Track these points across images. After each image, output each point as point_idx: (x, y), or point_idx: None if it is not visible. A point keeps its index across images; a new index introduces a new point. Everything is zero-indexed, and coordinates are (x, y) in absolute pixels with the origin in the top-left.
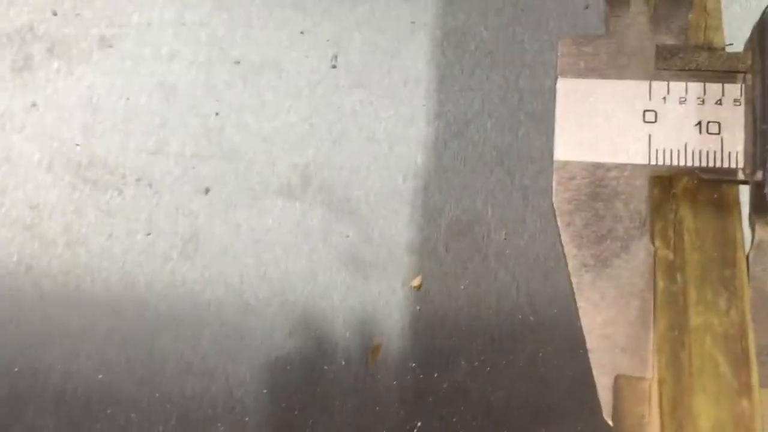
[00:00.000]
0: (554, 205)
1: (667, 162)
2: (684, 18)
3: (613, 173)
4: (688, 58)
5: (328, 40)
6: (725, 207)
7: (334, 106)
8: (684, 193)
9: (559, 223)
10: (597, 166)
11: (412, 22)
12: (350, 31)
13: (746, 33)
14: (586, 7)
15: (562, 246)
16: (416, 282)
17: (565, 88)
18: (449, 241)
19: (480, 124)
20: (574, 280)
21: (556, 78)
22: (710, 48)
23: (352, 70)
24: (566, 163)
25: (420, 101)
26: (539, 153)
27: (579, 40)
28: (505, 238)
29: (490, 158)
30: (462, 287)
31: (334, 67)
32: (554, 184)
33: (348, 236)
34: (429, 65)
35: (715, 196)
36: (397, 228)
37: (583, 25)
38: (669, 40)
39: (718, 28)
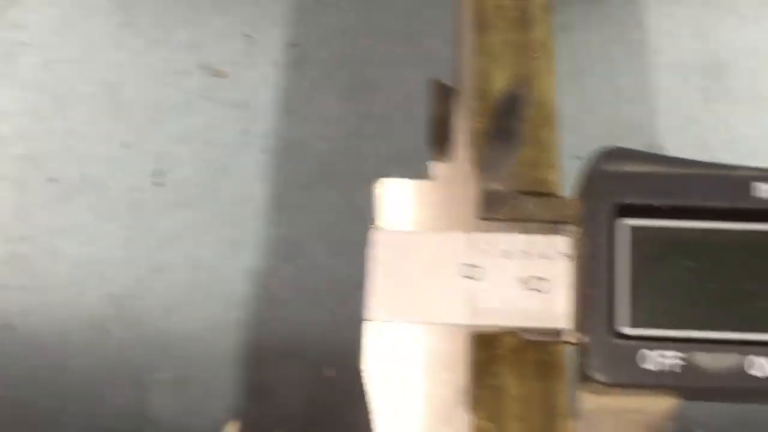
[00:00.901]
0: (364, 373)
1: (489, 322)
2: (512, 160)
3: (429, 336)
4: (514, 206)
5: (153, 155)
6: (553, 370)
7: (156, 229)
8: (509, 354)
9: (369, 393)
10: (412, 327)
11: (245, 133)
12: (178, 144)
13: None
14: None
15: (371, 419)
16: (232, 429)
17: (379, 240)
18: (273, 381)
19: (314, 248)
20: None
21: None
22: (540, 194)
23: (178, 188)
24: (378, 324)
25: (250, 222)
26: None
27: (395, 186)
28: (336, 376)
29: (321, 286)
30: None
31: (158, 184)
32: (365, 348)
33: (165, 376)
34: (262, 182)
35: (542, 357)
36: (218, 367)
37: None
38: (495, 186)
39: (554, 165)
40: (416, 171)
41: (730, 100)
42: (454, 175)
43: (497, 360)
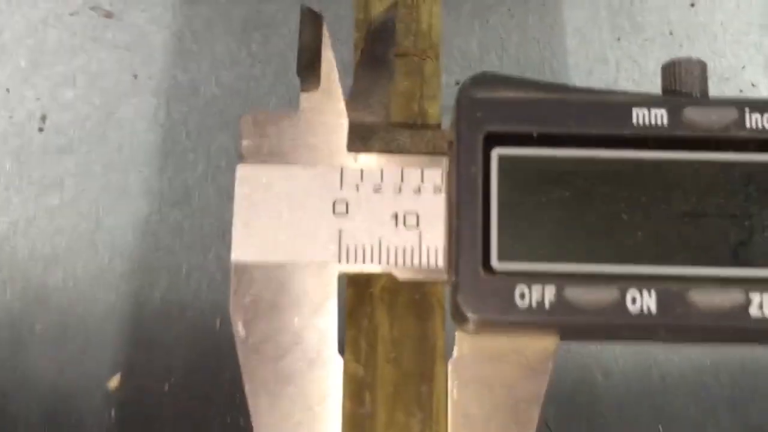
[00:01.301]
0: (231, 313)
1: (360, 261)
2: (385, 90)
3: (299, 276)
4: (387, 138)
5: (35, 99)
6: (427, 311)
7: (38, 176)
8: (382, 294)
9: (235, 337)
10: (281, 266)
11: (135, 76)
12: (62, 87)
13: None
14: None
15: (240, 364)
16: (114, 382)
17: (245, 175)
18: (156, 334)
19: (202, 192)
20: (250, 402)
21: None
22: (414, 126)
23: (61, 133)
24: (245, 265)
25: (137, 167)
26: None
27: (263, 119)
28: (220, 326)
29: (210, 231)
30: (166, 388)
31: (41, 130)
32: (231, 289)
33: (44, 329)
34: (150, 125)
35: (417, 297)
36: (100, 319)
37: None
38: (367, 118)
39: (435, 97)
40: None
41: (641, 38)
42: (324, 106)
43: (370, 300)
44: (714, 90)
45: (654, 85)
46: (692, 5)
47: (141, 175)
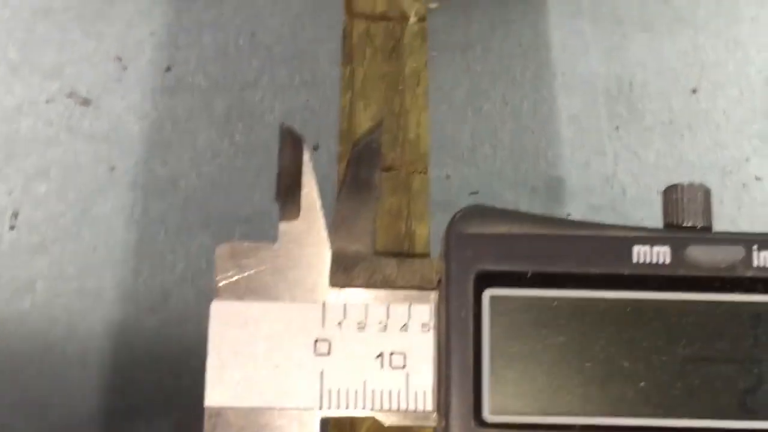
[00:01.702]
0: None
1: (343, 405)
2: (370, 215)
3: (277, 421)
4: (371, 270)
5: (8, 193)
6: None
7: (9, 277)
8: None
9: None
10: (257, 412)
11: (112, 168)
12: (35, 181)
13: None
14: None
15: None
16: None
17: (220, 313)
18: None
19: (183, 297)
20: None
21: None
22: (402, 255)
23: (34, 231)
24: (220, 410)
25: (110, 272)
26: None
27: (239, 250)
28: None
29: (190, 341)
30: None
31: (12, 228)
32: None
33: None
34: (127, 224)
35: None
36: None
37: None
38: (351, 247)
39: (423, 215)
40: None
41: (641, 126)
42: (305, 236)
43: None
44: (717, 183)
45: (653, 179)
46: (694, 92)
47: (116, 277)
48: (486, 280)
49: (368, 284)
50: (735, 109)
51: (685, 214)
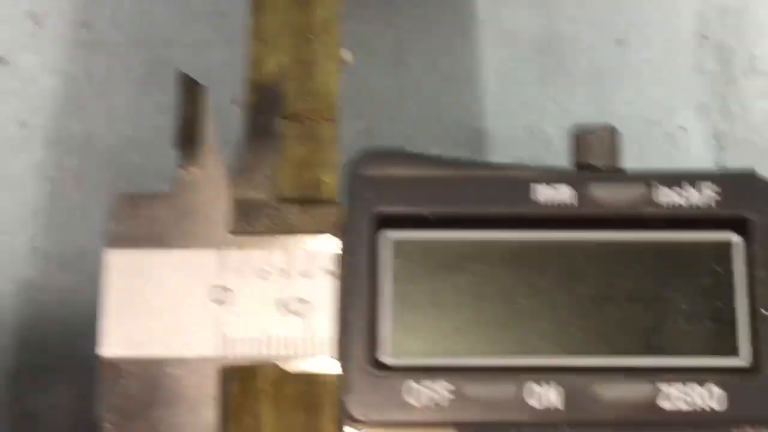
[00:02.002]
0: (99, 415)
1: (243, 352)
2: (272, 162)
3: (174, 370)
4: (272, 216)
5: None
6: (317, 405)
7: None
8: (270, 388)
9: None
10: (154, 362)
11: (23, 126)
12: None
13: None
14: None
15: None
16: None
17: (114, 262)
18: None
19: (95, 256)
20: None
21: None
22: (305, 201)
23: None
24: (114, 361)
25: (23, 230)
26: None
27: (136, 199)
28: None
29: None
30: None
31: None
32: (99, 387)
33: None
34: (40, 180)
35: (306, 391)
36: None
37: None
38: (252, 194)
39: (333, 166)
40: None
41: (567, 78)
42: (204, 183)
43: (255, 394)
44: (642, 134)
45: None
46: (620, 43)
47: (25, 239)
48: (385, 222)
49: (269, 230)
50: (661, 61)
51: (592, 154)
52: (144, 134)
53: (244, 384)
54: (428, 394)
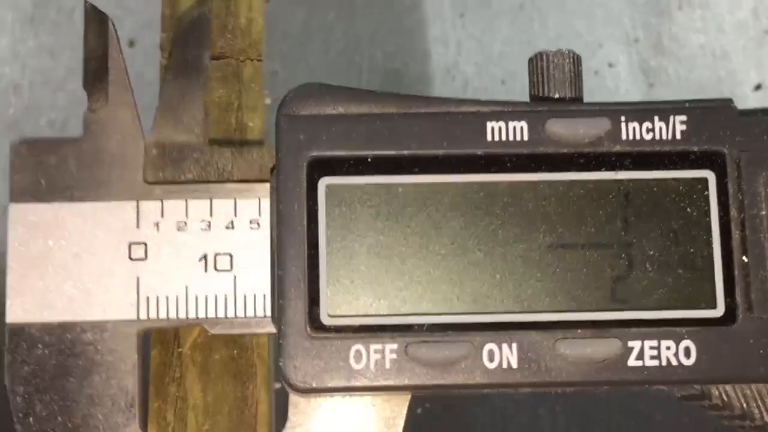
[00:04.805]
0: (7, 387)
1: (163, 314)
2: (199, 103)
3: (88, 335)
4: (195, 163)
5: None
6: (247, 370)
7: None
8: (194, 351)
9: (14, 415)
10: (67, 327)
11: None
12: None
13: None
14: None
15: None
16: None
17: (20, 218)
18: None
19: None
20: None
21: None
22: (232, 144)
23: None
24: (23, 327)
25: None
26: None
27: (40, 147)
28: None
29: None
30: None
31: None
32: (6, 358)
33: None
34: None
35: (234, 354)
36: None
37: None
38: (180, 137)
39: (256, 107)
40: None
41: (488, 13)
42: (115, 126)
43: (179, 361)
44: None
45: (499, 68)
46: None
47: None
48: (321, 167)
49: (191, 179)
50: None
51: (550, 84)
52: (28, 77)
53: (166, 349)
54: (373, 357)
